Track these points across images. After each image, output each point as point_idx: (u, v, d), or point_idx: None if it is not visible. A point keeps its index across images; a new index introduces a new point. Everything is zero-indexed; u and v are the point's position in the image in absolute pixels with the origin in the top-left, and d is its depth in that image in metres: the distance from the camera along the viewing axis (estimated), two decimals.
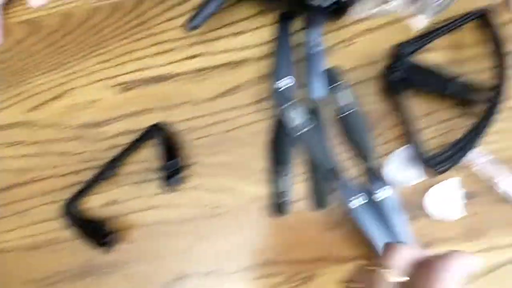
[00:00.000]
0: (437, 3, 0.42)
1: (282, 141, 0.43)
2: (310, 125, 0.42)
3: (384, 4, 0.43)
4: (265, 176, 0.43)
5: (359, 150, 0.42)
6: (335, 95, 0.43)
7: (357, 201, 0.41)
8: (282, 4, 0.42)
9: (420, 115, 0.42)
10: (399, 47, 0.42)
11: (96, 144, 0.45)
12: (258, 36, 0.45)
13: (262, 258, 0.42)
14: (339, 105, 0.43)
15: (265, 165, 0.43)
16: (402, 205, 0.41)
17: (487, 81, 0.42)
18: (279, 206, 0.43)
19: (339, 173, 0.42)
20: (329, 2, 0.39)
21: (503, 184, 0.40)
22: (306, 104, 0.43)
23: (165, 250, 0.43)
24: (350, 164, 0.43)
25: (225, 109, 0.44)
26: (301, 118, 0.42)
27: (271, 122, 0.44)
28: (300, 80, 0.44)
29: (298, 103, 0.43)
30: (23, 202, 0.45)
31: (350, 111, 0.43)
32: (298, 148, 0.43)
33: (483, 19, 0.42)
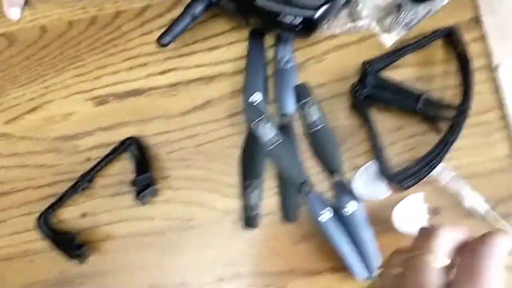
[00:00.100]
0: (406, 20, 0.43)
1: (254, 155, 0.44)
2: (280, 140, 0.43)
3: (354, 21, 0.44)
4: (237, 190, 0.44)
5: (328, 164, 0.43)
6: (304, 110, 0.44)
7: (326, 215, 0.42)
8: (253, 20, 0.43)
9: (388, 130, 0.43)
10: (368, 63, 0.43)
11: (72, 156, 0.46)
12: (232, 51, 0.46)
13: (233, 270, 0.43)
14: (308, 120, 0.44)
15: (236, 179, 0.44)
16: (370, 219, 0.42)
17: (454, 97, 0.43)
18: (250, 219, 0.43)
19: (309, 187, 0.43)
20: (299, 20, 0.40)
21: (467, 200, 0.41)
22: (277, 119, 0.44)
23: (137, 262, 0.44)
24: (320, 179, 0.43)
25: (198, 123, 0.45)
26: (272, 133, 0.43)
27: (243, 136, 0.44)
28: (272, 96, 0.45)
29: (270, 118, 0.43)
30: None
31: (319, 127, 0.43)
32: (269, 162, 0.44)
33: (450, 37, 0.43)
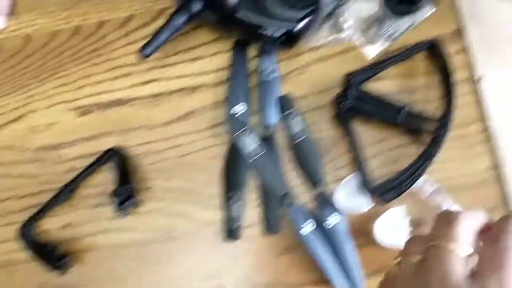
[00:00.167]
0: (389, 32, 0.43)
1: (236, 166, 0.44)
2: (263, 152, 0.43)
3: (337, 33, 0.44)
4: (219, 201, 0.44)
5: (311, 176, 0.43)
6: (287, 122, 0.44)
7: (307, 227, 0.42)
8: (236, 32, 0.43)
9: (370, 142, 0.43)
10: (350, 75, 0.43)
11: (54, 166, 0.46)
12: (215, 62, 0.46)
13: (215, 282, 0.43)
14: (291, 131, 0.44)
15: (219, 190, 0.44)
16: (352, 232, 0.42)
17: (436, 110, 0.43)
18: (231, 231, 0.43)
19: (291, 199, 0.42)
20: (280, 32, 0.40)
21: None
22: (260, 130, 0.44)
23: (119, 273, 0.44)
24: (302, 190, 0.43)
25: (181, 134, 0.45)
26: (254, 144, 0.43)
27: (226, 147, 0.44)
28: (255, 107, 0.45)
29: (252, 129, 0.43)
30: None
31: (302, 138, 0.43)
32: (252, 174, 0.44)
33: (433, 49, 0.43)
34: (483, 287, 0.27)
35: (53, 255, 0.43)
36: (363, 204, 0.42)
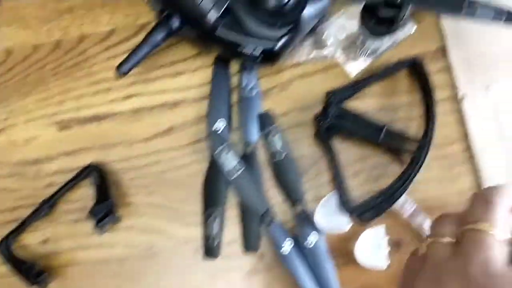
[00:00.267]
0: (371, 50, 0.43)
1: (216, 184, 0.43)
2: (243, 169, 0.42)
3: (319, 50, 0.44)
4: (199, 218, 0.43)
5: (291, 194, 0.43)
6: (268, 139, 0.43)
7: (287, 246, 0.42)
8: (215, 49, 0.43)
9: (351, 161, 0.43)
10: (330, 93, 0.42)
11: (34, 181, 0.45)
12: (197, 77, 0.45)
13: None
14: (272, 149, 0.43)
15: (199, 207, 0.44)
16: (332, 251, 0.42)
17: (418, 129, 0.42)
18: (210, 249, 0.43)
19: (270, 217, 0.42)
20: (260, 50, 0.40)
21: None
22: (241, 147, 0.44)
23: None
24: (283, 208, 0.43)
25: (161, 149, 0.45)
26: (234, 162, 0.42)
27: (206, 164, 0.44)
28: (236, 123, 0.44)
29: (232, 146, 0.43)
30: None
31: (282, 156, 0.43)
32: (232, 191, 0.43)
33: (414, 67, 0.43)
34: None
35: (31, 271, 0.43)
36: (343, 223, 0.41)
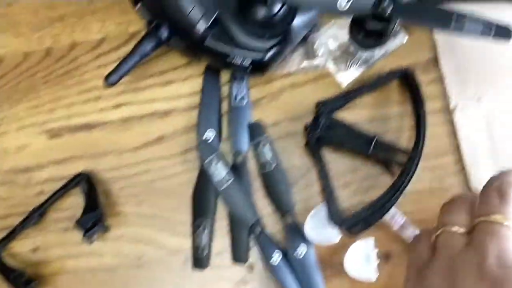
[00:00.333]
0: (362, 60, 0.42)
1: (206, 194, 0.43)
2: (232, 179, 0.42)
3: (310, 59, 0.43)
4: (188, 228, 0.43)
5: (280, 205, 0.43)
6: (258, 149, 0.43)
7: (276, 257, 0.41)
8: (205, 59, 0.42)
9: (341, 172, 0.42)
10: (321, 104, 0.42)
11: (24, 189, 0.45)
12: (188, 86, 0.45)
13: None
14: (261, 159, 0.43)
15: (188, 217, 0.43)
16: (321, 263, 0.42)
17: (409, 140, 0.42)
18: (199, 260, 0.43)
19: (260, 228, 0.42)
20: (249, 61, 0.39)
21: None
22: (231, 157, 0.44)
23: None
24: (272, 219, 0.43)
25: (151, 159, 0.44)
26: (224, 172, 0.42)
27: (196, 174, 0.44)
28: (226, 133, 0.44)
29: (222, 156, 0.43)
30: None
31: (272, 166, 0.43)
32: (221, 201, 0.43)
33: (406, 78, 0.42)
34: None
35: (21, 279, 0.43)
36: (332, 235, 0.41)
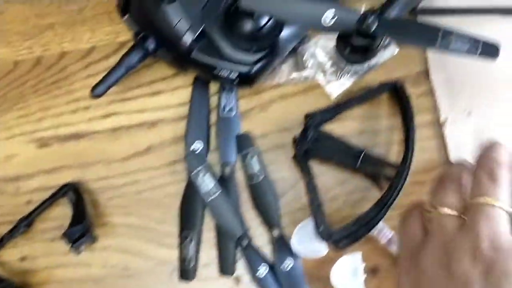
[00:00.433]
0: (351, 72, 0.42)
1: (193, 205, 0.43)
2: (219, 191, 0.42)
3: (299, 71, 0.43)
4: (175, 240, 0.43)
5: (268, 218, 0.42)
6: (246, 161, 0.43)
7: (263, 270, 0.41)
8: (192, 71, 0.42)
9: (329, 185, 0.42)
10: (309, 116, 0.42)
11: (13, 198, 0.45)
12: (176, 96, 0.45)
13: None
14: (249, 171, 0.43)
15: (175, 229, 0.43)
16: (309, 276, 0.41)
17: (398, 153, 0.42)
18: (185, 271, 0.42)
19: (247, 241, 0.42)
20: (236, 74, 0.39)
21: None
22: (218, 168, 0.43)
23: None
24: (259, 232, 0.43)
25: (140, 169, 0.44)
26: (211, 184, 0.42)
27: (184, 185, 0.44)
28: (214, 144, 0.44)
29: (210, 167, 0.42)
30: None
31: (260, 178, 0.42)
32: (209, 213, 0.43)
33: (396, 91, 0.42)
34: None
35: None
36: (319, 249, 0.41)
